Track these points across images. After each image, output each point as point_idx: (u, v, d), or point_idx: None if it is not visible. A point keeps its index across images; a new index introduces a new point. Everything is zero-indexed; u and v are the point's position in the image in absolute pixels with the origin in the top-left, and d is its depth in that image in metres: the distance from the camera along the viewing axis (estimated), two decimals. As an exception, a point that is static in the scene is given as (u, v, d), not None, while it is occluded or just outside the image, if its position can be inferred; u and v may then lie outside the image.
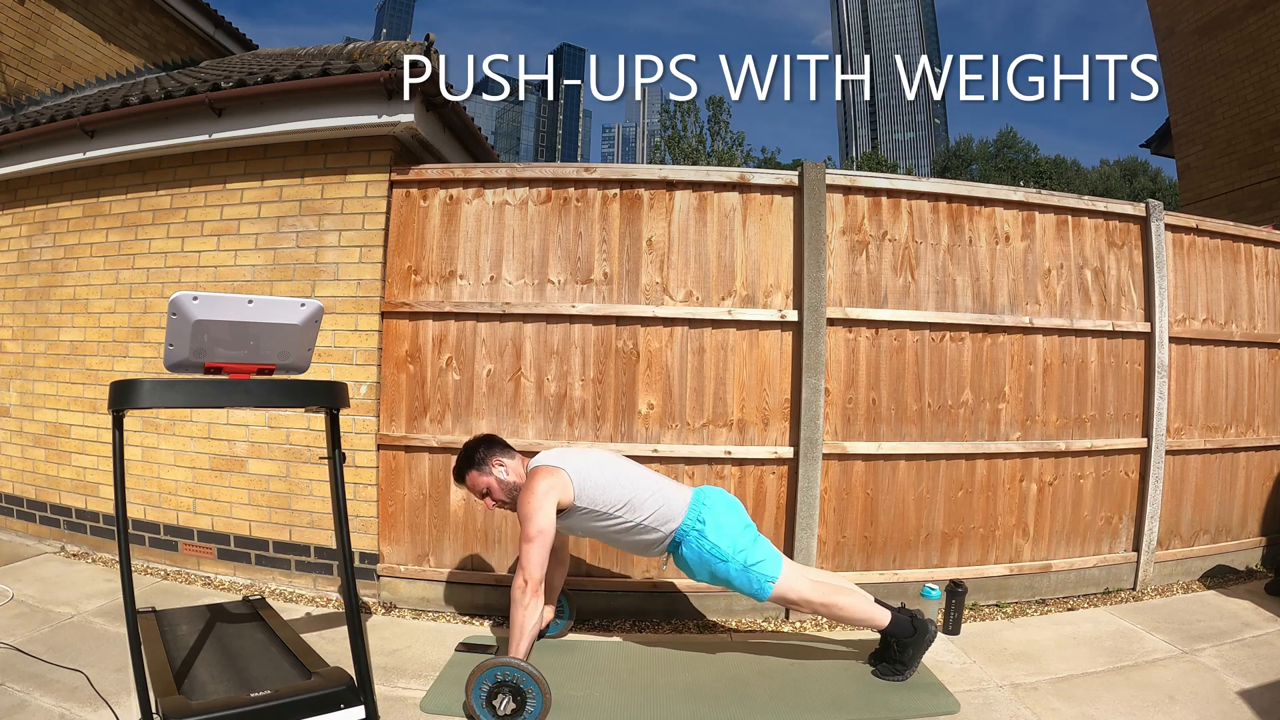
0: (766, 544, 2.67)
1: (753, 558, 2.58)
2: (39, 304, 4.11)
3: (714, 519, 2.60)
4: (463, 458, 2.75)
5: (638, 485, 2.63)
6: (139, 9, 6.54)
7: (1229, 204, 7.52)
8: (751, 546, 2.60)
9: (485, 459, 2.71)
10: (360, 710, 2.15)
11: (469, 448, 2.75)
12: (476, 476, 2.71)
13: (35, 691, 2.41)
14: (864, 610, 2.67)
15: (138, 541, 3.75)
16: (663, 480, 2.72)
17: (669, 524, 2.60)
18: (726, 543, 2.57)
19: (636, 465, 2.77)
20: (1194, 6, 8.02)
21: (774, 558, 2.63)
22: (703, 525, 2.58)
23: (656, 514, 2.60)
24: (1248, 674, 2.73)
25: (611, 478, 2.62)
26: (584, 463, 2.66)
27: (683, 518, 2.59)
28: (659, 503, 2.61)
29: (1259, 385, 4.07)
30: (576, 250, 3.41)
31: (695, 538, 2.58)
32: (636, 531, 2.61)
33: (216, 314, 2.00)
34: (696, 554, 2.59)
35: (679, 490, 2.68)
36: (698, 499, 2.65)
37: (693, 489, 2.72)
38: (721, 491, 2.77)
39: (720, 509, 2.64)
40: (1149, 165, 43.83)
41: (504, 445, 2.78)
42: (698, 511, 2.61)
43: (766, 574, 2.58)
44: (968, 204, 3.54)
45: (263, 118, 3.47)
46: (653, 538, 2.62)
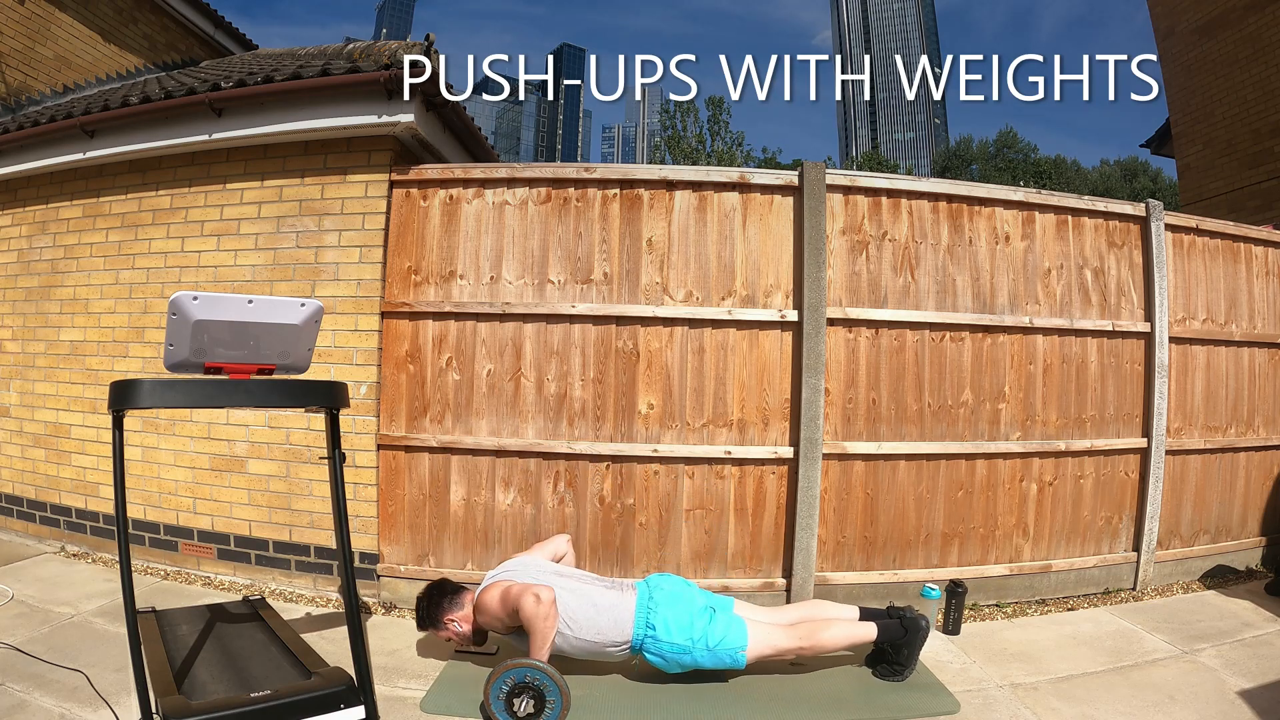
0: (725, 615, 2.64)
1: (714, 638, 2.56)
2: (39, 304, 4.11)
3: (663, 620, 2.57)
4: (418, 617, 2.82)
5: (582, 600, 2.59)
6: (139, 9, 6.54)
7: (1229, 204, 7.51)
8: (709, 628, 2.57)
9: (438, 619, 2.77)
10: (360, 710, 2.15)
11: (419, 608, 2.81)
12: (436, 633, 2.81)
13: (35, 691, 2.41)
14: (849, 635, 2.67)
15: (138, 541, 3.75)
16: (607, 590, 2.66)
17: (622, 635, 2.57)
18: (683, 637, 2.55)
19: (579, 576, 2.75)
20: (1194, 6, 8.01)
21: (737, 626, 2.60)
22: (654, 630, 2.56)
23: (605, 627, 2.56)
24: (1248, 674, 2.73)
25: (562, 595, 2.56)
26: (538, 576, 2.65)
27: (632, 628, 2.57)
28: (607, 615, 2.57)
29: (1259, 385, 4.07)
30: (576, 250, 3.41)
31: (652, 643, 2.57)
32: (590, 645, 2.57)
33: (216, 314, 2.00)
34: (659, 656, 2.58)
35: (623, 598, 2.63)
36: (642, 604, 2.61)
37: (636, 589, 2.68)
38: (665, 580, 2.74)
39: (666, 605, 2.60)
40: (1149, 165, 43.79)
41: (450, 595, 2.79)
42: (644, 618, 2.58)
43: (733, 646, 2.57)
44: (968, 204, 3.54)
45: (263, 118, 3.47)
46: (610, 646, 2.59)
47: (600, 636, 2.57)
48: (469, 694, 2.47)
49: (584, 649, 2.59)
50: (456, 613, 2.77)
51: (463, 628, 2.76)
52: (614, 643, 2.58)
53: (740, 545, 3.43)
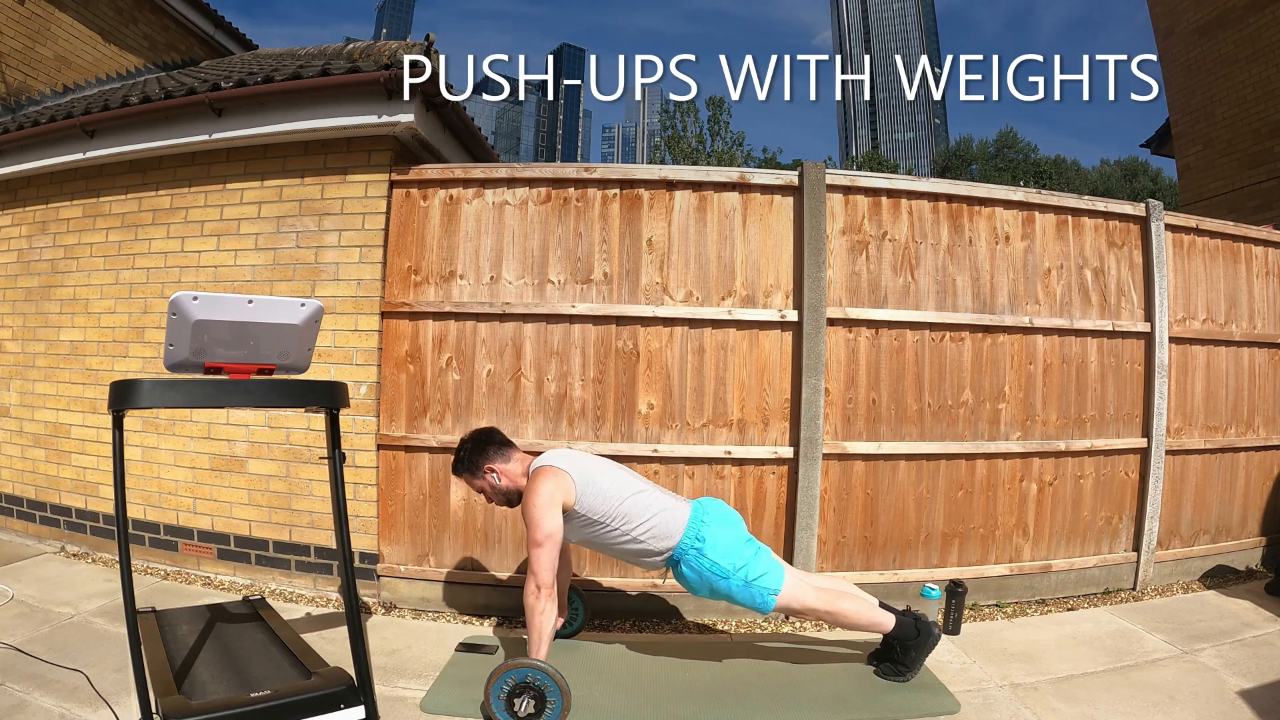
0: (768, 555, 2.63)
1: (754, 572, 2.54)
2: (39, 304, 4.11)
3: (713, 536, 2.55)
4: (457, 457, 2.72)
5: (638, 498, 2.58)
6: (139, 9, 6.54)
7: (1229, 204, 7.51)
8: (753, 561, 2.56)
9: (477, 464, 2.67)
10: (360, 710, 2.15)
11: (462, 447, 2.71)
12: (470, 479, 2.71)
13: (35, 691, 2.41)
14: (868, 616, 2.65)
15: (138, 541, 3.75)
16: (662, 495, 2.66)
17: (667, 540, 2.55)
18: (726, 560, 2.53)
19: (639, 478, 2.72)
20: (1194, 6, 8.02)
21: (775, 569, 2.59)
22: (701, 543, 2.54)
23: (654, 530, 2.55)
24: (1248, 674, 2.73)
25: (613, 487, 2.57)
26: (588, 467, 2.62)
27: (681, 535, 2.55)
28: (658, 518, 2.56)
29: (1259, 385, 4.07)
30: (576, 250, 3.41)
31: (694, 556, 2.54)
32: (632, 544, 2.57)
33: (216, 314, 1.99)
34: (696, 572, 2.55)
35: (678, 506, 2.63)
36: (696, 515, 2.60)
37: (691, 504, 2.67)
38: (720, 504, 2.72)
39: (719, 525, 2.59)
40: (1149, 165, 43.77)
41: (499, 446, 2.70)
42: (696, 529, 2.56)
43: (769, 586, 2.54)
44: (968, 204, 3.54)
45: (263, 118, 3.47)
46: (650, 552, 2.57)
47: (647, 538, 2.54)
48: (469, 694, 2.47)
49: (627, 549, 2.57)
50: (501, 464, 2.66)
51: (501, 482, 2.65)
52: (656, 550, 2.56)
53: (740, 545, 3.42)
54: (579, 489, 2.53)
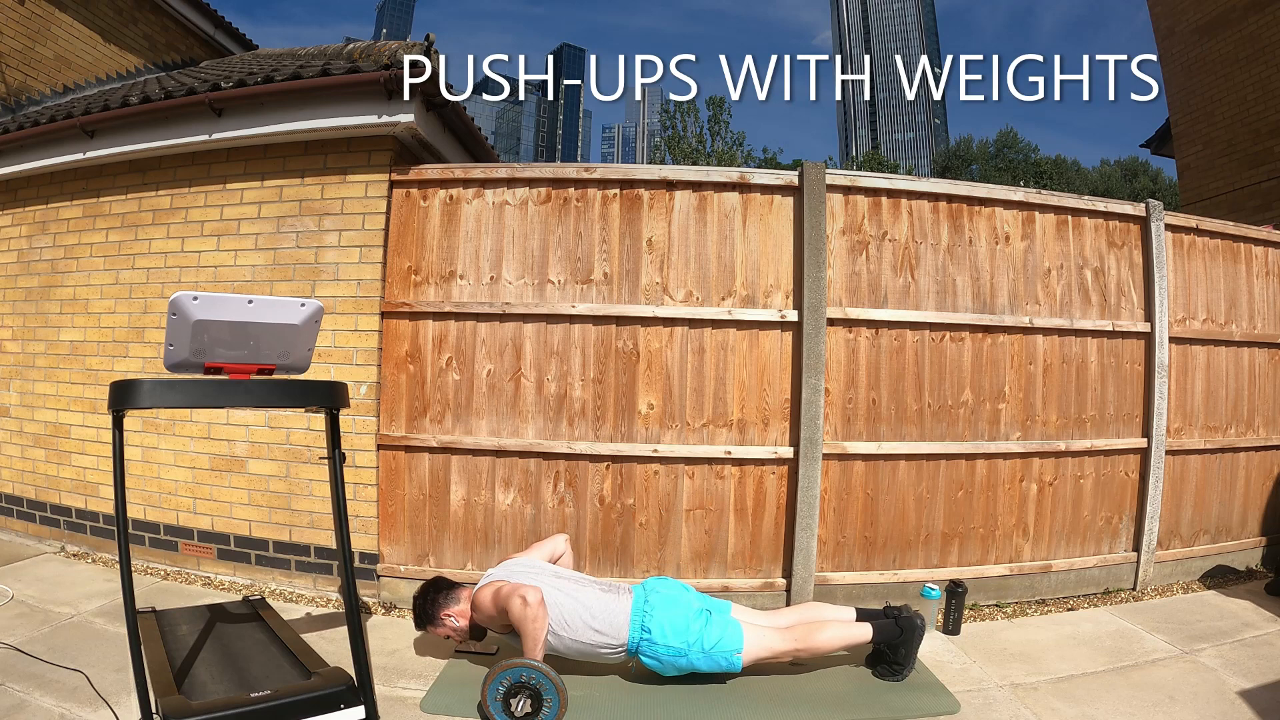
0: (722, 616, 2.64)
1: (709, 641, 2.56)
2: (39, 304, 4.11)
3: (658, 623, 2.57)
4: (415, 616, 2.82)
5: (578, 603, 2.58)
6: (139, 9, 6.54)
7: (1229, 204, 7.52)
8: (705, 631, 2.57)
9: (435, 616, 2.77)
10: (360, 710, 2.15)
11: (415, 605, 2.82)
12: (435, 630, 2.81)
13: (35, 691, 2.41)
14: (845, 637, 2.67)
15: (138, 541, 3.75)
16: (603, 593, 2.66)
17: (616, 637, 2.58)
18: (678, 640, 2.55)
19: (576, 579, 2.74)
20: (1194, 6, 8.02)
21: (732, 629, 2.60)
22: (649, 634, 2.56)
23: (602, 630, 2.57)
24: (1248, 674, 2.73)
25: (552, 596, 2.57)
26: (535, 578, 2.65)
27: (628, 630, 2.57)
28: (599, 620, 2.57)
29: (1259, 385, 4.07)
30: (576, 250, 3.41)
31: (648, 646, 2.57)
32: (585, 646, 2.58)
33: (216, 314, 2.00)
34: (655, 659, 2.58)
35: (620, 601, 2.63)
36: (637, 607, 2.61)
37: (633, 593, 2.68)
38: (661, 583, 2.74)
39: (661, 609, 2.60)
40: (1149, 165, 43.75)
41: (445, 593, 2.80)
42: (640, 621, 2.58)
43: (730, 648, 2.57)
44: (968, 204, 3.54)
45: (263, 118, 3.47)
46: (605, 647, 2.58)
47: (595, 638, 2.57)
48: (469, 694, 2.47)
49: (579, 650, 2.59)
50: (453, 608, 2.77)
51: (459, 623, 2.76)
52: (609, 645, 2.58)
53: (740, 545, 3.43)
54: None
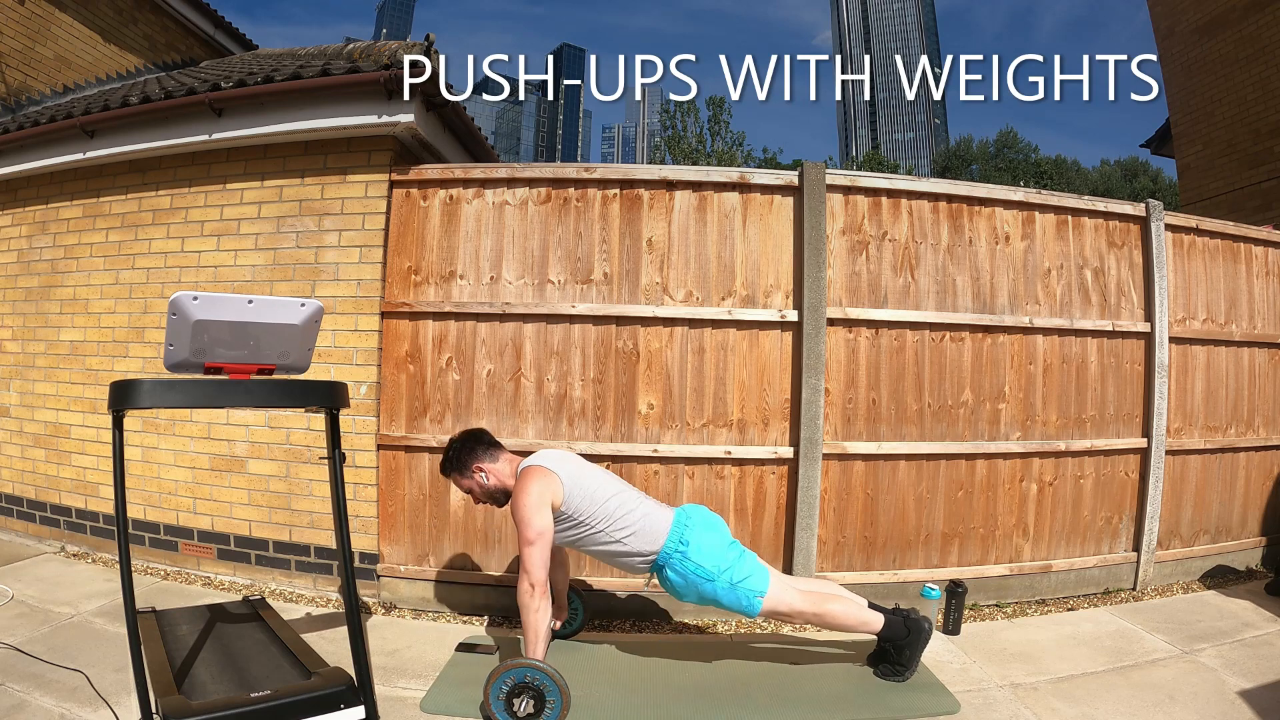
0: (752, 559, 2.64)
1: (739, 574, 2.55)
2: (39, 304, 4.11)
3: (696, 540, 2.56)
4: (445, 457, 2.73)
5: (622, 501, 2.59)
6: (139, 9, 6.55)
7: (1229, 204, 7.52)
8: (738, 563, 2.56)
9: (465, 463, 2.68)
10: (360, 710, 2.15)
11: (450, 447, 2.72)
12: (458, 479, 2.72)
13: (35, 691, 2.41)
14: (856, 617, 2.65)
15: (138, 541, 3.75)
16: (647, 500, 2.67)
17: (651, 544, 2.56)
18: (711, 562, 2.54)
19: (624, 484, 2.73)
20: (1194, 6, 8.02)
21: (760, 572, 2.60)
22: (685, 547, 2.55)
23: (639, 532, 2.56)
24: (1248, 674, 2.73)
25: (599, 489, 2.58)
26: (575, 468, 2.63)
27: (665, 539, 2.56)
28: (642, 522, 2.57)
29: (1259, 385, 4.07)
30: (576, 250, 3.41)
31: (679, 559, 2.55)
32: (617, 546, 2.57)
33: (216, 314, 2.00)
34: (681, 576, 2.56)
35: (662, 511, 2.64)
36: (679, 520, 2.61)
37: (674, 510, 2.68)
38: (703, 510, 2.73)
39: (702, 529, 2.60)
40: (1149, 165, 43.78)
41: (487, 446, 2.71)
42: (680, 533, 2.57)
43: (755, 589, 2.55)
44: (968, 204, 3.54)
45: (263, 118, 3.47)
46: (635, 553, 2.58)
47: (632, 540, 2.54)
48: (469, 694, 2.47)
49: (610, 551, 2.57)
50: (489, 464, 2.67)
51: (489, 481, 2.66)
52: (641, 552, 2.56)
53: (740, 545, 3.42)
54: (566, 489, 2.54)
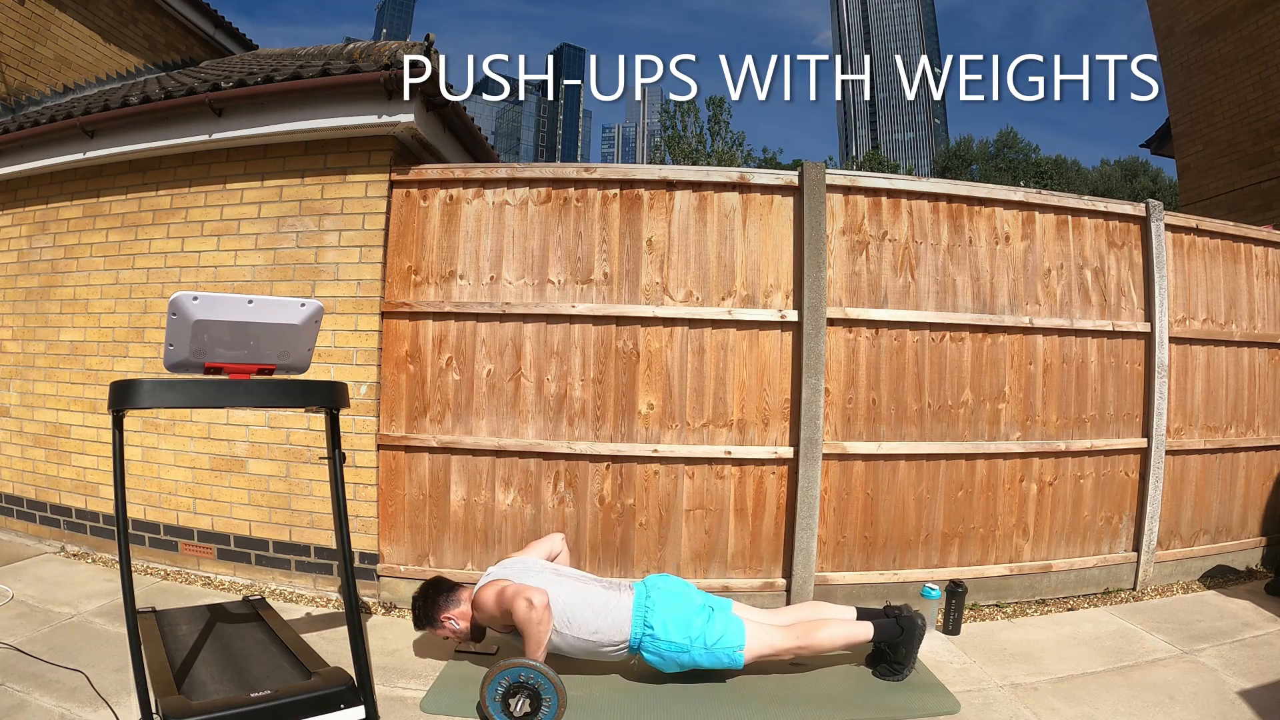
0: (724, 615, 2.64)
1: (711, 637, 2.56)
2: (39, 304, 4.11)
3: (660, 619, 2.57)
4: (415, 617, 2.81)
5: (580, 601, 2.59)
6: (139, 9, 6.54)
7: (1229, 204, 7.51)
8: (707, 627, 2.57)
9: (434, 618, 2.76)
10: (360, 710, 2.15)
11: (415, 607, 2.80)
12: (434, 632, 2.80)
13: (35, 691, 2.41)
14: (845, 635, 2.67)
15: (138, 541, 3.75)
16: (605, 590, 2.67)
17: (620, 635, 2.58)
18: (681, 635, 2.55)
19: (578, 577, 2.75)
20: (1194, 6, 8.01)
21: (734, 625, 2.60)
22: (652, 629, 2.56)
23: (604, 628, 2.57)
24: (1248, 674, 2.73)
25: (557, 594, 2.57)
26: (525, 574, 2.65)
27: (630, 626, 2.57)
28: (602, 617, 2.57)
29: (1259, 385, 4.07)
30: (576, 250, 3.41)
31: (650, 642, 2.57)
32: (587, 644, 2.58)
33: (216, 314, 2.00)
34: (657, 655, 2.58)
35: (622, 599, 2.63)
36: (639, 604, 2.61)
37: (635, 589, 2.68)
38: (663, 580, 2.75)
39: (664, 604, 2.61)
40: (1149, 165, 43.78)
41: (446, 594, 2.78)
42: (642, 617, 2.58)
43: (731, 645, 2.57)
44: (968, 204, 3.54)
45: (263, 118, 3.47)
46: (607, 644, 2.58)
47: (598, 636, 2.57)
48: (469, 694, 2.47)
49: (581, 648, 2.59)
50: (453, 610, 2.76)
51: (460, 625, 2.75)
52: (612, 642, 2.58)
53: (740, 545, 3.43)
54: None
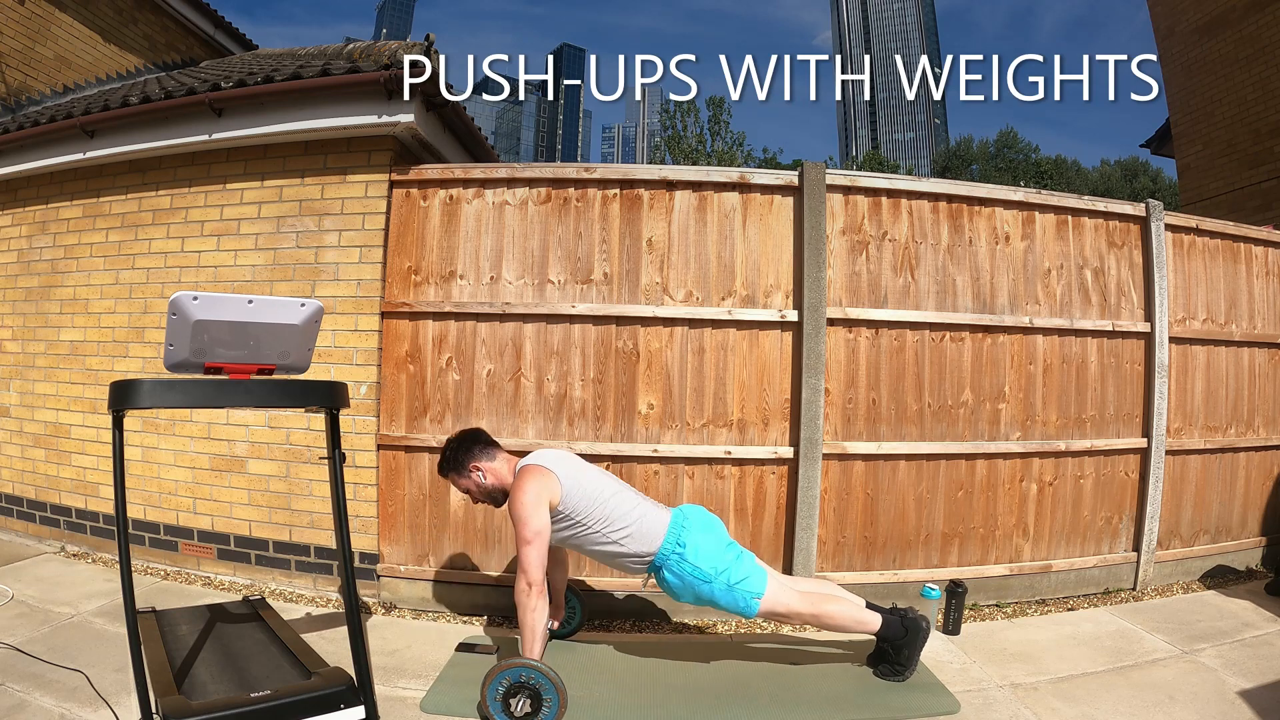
0: (750, 560, 2.64)
1: (736, 575, 2.55)
2: (39, 304, 4.11)
3: (693, 541, 2.56)
4: (443, 457, 2.72)
5: (620, 501, 2.59)
6: (139, 9, 6.55)
7: (1229, 204, 7.52)
8: (735, 565, 2.56)
9: (462, 462, 2.67)
10: (360, 710, 2.15)
11: (448, 447, 2.72)
12: (456, 479, 2.72)
13: (35, 691, 2.41)
14: (853, 617, 2.66)
15: (138, 541, 3.75)
16: (644, 501, 2.67)
17: (648, 545, 2.56)
18: (708, 564, 2.54)
19: (622, 484, 2.73)
20: (1194, 6, 8.02)
21: (758, 573, 2.60)
22: (682, 549, 2.55)
23: (636, 533, 2.56)
24: (1248, 674, 2.73)
25: (597, 489, 2.58)
26: (573, 468, 2.63)
27: (662, 540, 2.56)
28: (639, 523, 2.57)
29: (1259, 385, 4.07)
30: (576, 250, 3.41)
31: (676, 561, 2.55)
32: (614, 547, 2.57)
33: (216, 314, 2.00)
34: (679, 577, 2.56)
35: (659, 512, 2.63)
36: (676, 521, 2.61)
37: (671, 511, 2.68)
38: (700, 510, 2.73)
39: (699, 530, 2.60)
40: (1149, 165, 43.80)
41: (484, 445, 2.70)
42: (677, 535, 2.57)
43: (752, 590, 2.55)
44: (968, 204, 3.54)
45: (263, 118, 3.47)
46: (632, 555, 2.58)
47: (628, 541, 2.54)
48: (469, 694, 2.47)
49: (607, 551, 2.57)
50: (486, 463, 2.66)
51: (487, 480, 2.65)
52: (637, 553, 2.56)
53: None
54: (564, 488, 2.53)
